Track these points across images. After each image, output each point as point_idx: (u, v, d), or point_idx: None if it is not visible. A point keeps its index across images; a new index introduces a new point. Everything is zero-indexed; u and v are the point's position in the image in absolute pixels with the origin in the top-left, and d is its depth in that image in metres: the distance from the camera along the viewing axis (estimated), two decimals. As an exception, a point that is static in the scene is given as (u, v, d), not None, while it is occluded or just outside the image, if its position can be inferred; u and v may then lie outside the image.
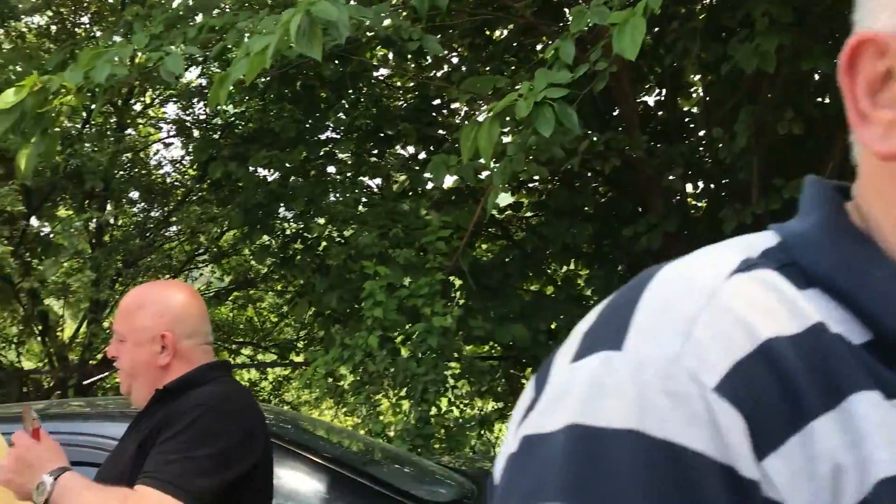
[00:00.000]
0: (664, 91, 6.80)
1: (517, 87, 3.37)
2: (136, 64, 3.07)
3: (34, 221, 6.43)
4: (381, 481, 2.79)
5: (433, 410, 4.93)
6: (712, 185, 6.75)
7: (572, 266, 7.57)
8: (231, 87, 6.10)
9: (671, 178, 5.64)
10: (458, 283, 6.23)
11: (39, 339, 7.23)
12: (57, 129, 3.15)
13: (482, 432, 6.82)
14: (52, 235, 6.71)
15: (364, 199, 6.26)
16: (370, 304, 4.92)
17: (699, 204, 6.99)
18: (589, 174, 6.83)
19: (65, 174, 5.65)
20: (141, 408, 1.94)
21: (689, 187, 6.55)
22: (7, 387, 6.38)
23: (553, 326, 5.84)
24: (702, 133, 6.44)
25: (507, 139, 4.39)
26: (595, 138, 5.39)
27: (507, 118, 3.35)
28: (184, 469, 1.71)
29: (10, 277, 5.74)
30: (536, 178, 6.28)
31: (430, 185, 6.52)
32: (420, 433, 4.82)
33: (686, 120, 6.91)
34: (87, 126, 5.84)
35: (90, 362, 6.99)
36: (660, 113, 6.97)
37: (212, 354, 2.02)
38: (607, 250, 6.95)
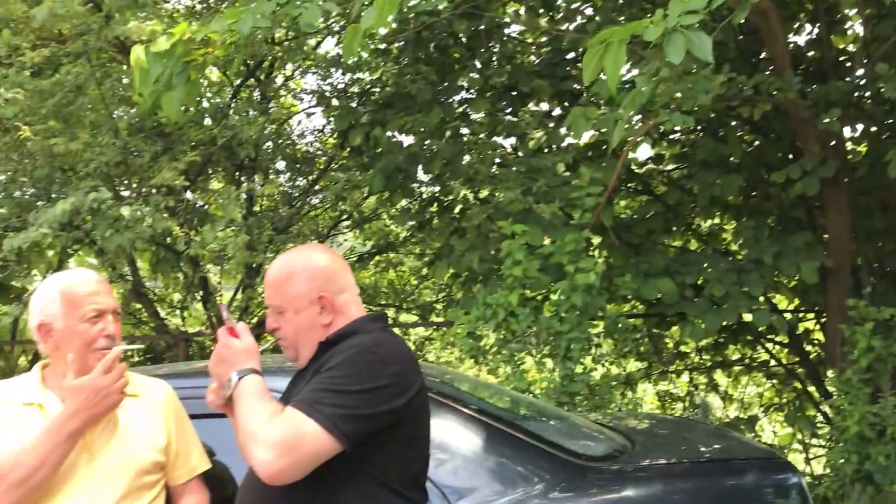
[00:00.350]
0: (817, 28, 6.35)
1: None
2: (276, 18, 3.15)
3: (189, 195, 6.81)
4: (534, 434, 2.79)
5: (578, 368, 4.88)
6: (874, 128, 6.28)
7: (717, 220, 7.28)
8: (367, 53, 6.23)
9: (826, 120, 5.26)
10: (596, 240, 6.13)
11: (201, 304, 7.71)
12: (199, 79, 3.33)
13: (626, 392, 6.72)
14: (206, 207, 7.11)
15: (497, 160, 6.23)
16: (509, 263, 4.91)
17: (859, 148, 6.53)
18: (734, 122, 6.51)
19: (219, 146, 5.94)
20: (306, 364, 2.01)
21: (846, 131, 6.12)
22: (174, 349, 6.86)
23: (699, 282, 5.64)
24: (860, 72, 5.98)
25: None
26: (741, 85, 5.10)
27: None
28: (329, 400, 1.77)
29: (174, 247, 6.12)
30: (678, 128, 6.04)
31: (566, 142, 6.41)
32: (565, 391, 4.79)
33: (841, 59, 6.43)
34: (235, 100, 6.11)
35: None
36: (811, 53, 6.52)
37: (363, 308, 2.07)
38: (756, 202, 6.62)
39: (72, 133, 4.63)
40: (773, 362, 7.49)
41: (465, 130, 6.47)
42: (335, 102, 6.79)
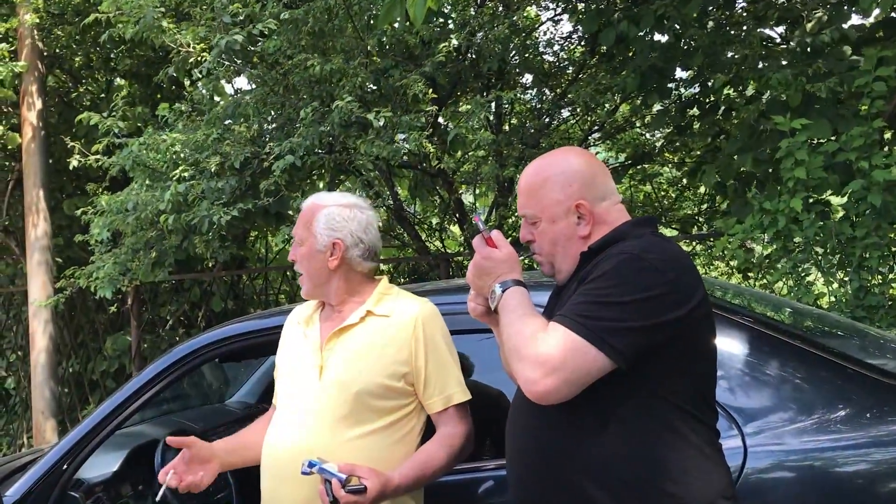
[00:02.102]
0: None
1: None
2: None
3: (440, 119, 6.84)
4: (834, 351, 2.41)
5: (877, 279, 4.26)
6: None
7: None
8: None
9: None
10: (887, 134, 5.29)
11: (457, 226, 7.84)
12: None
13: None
14: (454, 129, 7.11)
15: (763, 53, 5.52)
16: (790, 163, 4.34)
17: None
18: None
19: (466, 62, 5.85)
20: (566, 279, 1.85)
21: None
22: (436, 269, 7.05)
23: None
24: None
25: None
26: None
27: None
28: (597, 313, 1.60)
29: (428, 170, 6.21)
30: None
31: (850, 23, 5.54)
32: (861, 304, 4.21)
33: None
34: (479, 11, 5.94)
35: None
36: None
37: (627, 212, 1.85)
38: None
39: (326, 59, 4.74)
40: None
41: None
42: (581, 6, 6.42)
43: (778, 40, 6.08)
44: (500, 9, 6.87)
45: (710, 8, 5.38)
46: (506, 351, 1.70)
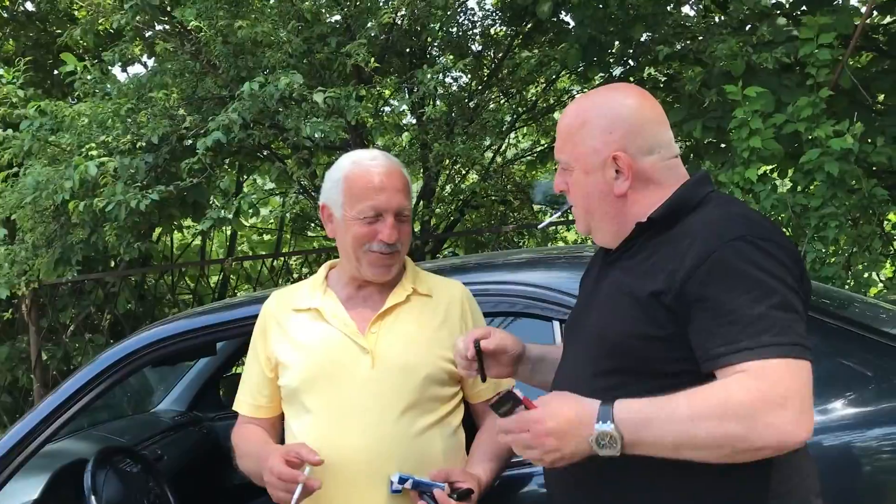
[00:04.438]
0: None
1: None
2: None
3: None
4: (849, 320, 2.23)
5: (831, 248, 4.20)
6: None
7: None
8: None
9: None
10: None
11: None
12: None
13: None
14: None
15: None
16: (744, 133, 4.23)
17: None
18: None
19: (388, 40, 5.50)
20: (611, 247, 1.57)
21: None
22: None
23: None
24: None
25: None
26: None
27: None
28: (779, 325, 1.29)
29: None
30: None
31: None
32: (817, 275, 4.14)
33: None
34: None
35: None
36: None
37: (682, 172, 1.56)
38: None
39: (252, 23, 4.29)
40: None
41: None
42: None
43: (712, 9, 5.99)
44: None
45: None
46: (717, 442, 1.27)
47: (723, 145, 5.01)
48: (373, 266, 1.85)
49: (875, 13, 6.11)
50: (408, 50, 6.21)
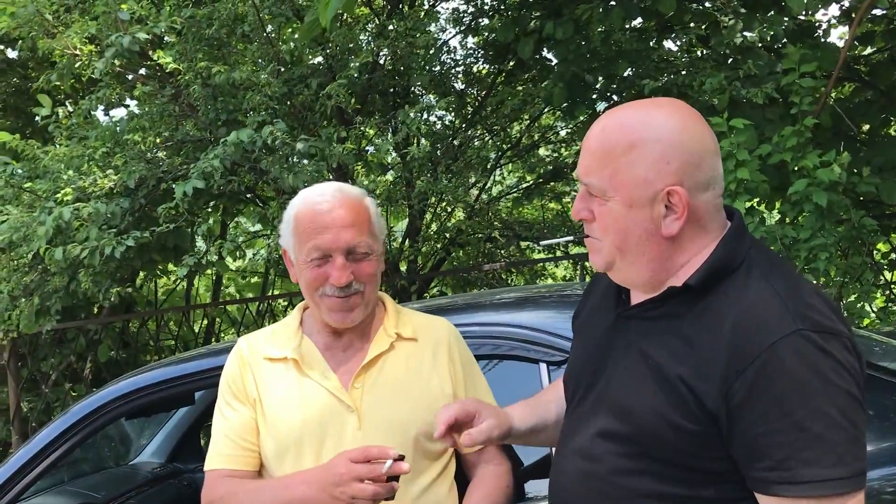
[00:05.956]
0: None
1: None
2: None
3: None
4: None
5: (822, 280, 4.14)
6: None
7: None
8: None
9: None
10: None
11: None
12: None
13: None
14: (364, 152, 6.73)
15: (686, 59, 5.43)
16: (731, 164, 4.19)
17: None
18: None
19: (370, 80, 5.48)
20: (635, 289, 1.36)
21: None
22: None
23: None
24: None
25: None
26: None
27: None
28: (839, 450, 1.13)
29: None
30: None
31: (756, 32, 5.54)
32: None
33: None
34: (391, 22, 5.59)
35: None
36: None
37: (723, 214, 1.33)
38: None
39: (232, 68, 4.25)
40: None
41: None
42: (486, 22, 6.18)
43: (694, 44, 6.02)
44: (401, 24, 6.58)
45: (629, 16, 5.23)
46: None
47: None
48: (332, 311, 1.69)
49: (857, 44, 6.17)
50: (391, 89, 6.19)
